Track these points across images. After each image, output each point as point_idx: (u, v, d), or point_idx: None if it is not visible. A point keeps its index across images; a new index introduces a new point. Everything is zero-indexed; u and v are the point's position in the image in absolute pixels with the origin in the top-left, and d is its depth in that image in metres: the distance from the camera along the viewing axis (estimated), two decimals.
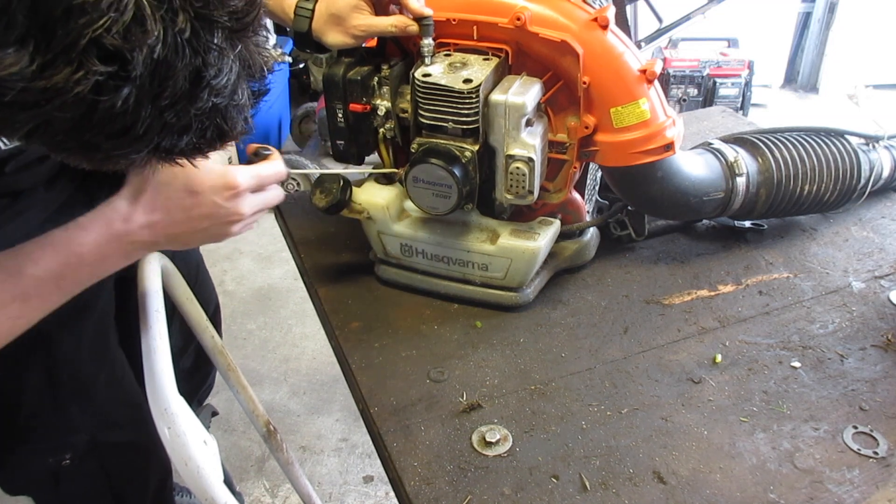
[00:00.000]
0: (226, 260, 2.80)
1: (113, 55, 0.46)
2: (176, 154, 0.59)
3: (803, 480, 0.79)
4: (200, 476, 0.68)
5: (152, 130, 0.53)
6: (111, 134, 0.52)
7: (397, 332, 1.03)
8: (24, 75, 0.45)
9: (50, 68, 0.45)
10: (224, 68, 0.53)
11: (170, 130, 0.54)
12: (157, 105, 0.51)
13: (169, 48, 0.49)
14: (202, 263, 1.39)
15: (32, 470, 1.12)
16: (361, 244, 1.13)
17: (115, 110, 0.49)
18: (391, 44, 1.02)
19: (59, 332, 1.02)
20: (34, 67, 0.45)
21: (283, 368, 2.28)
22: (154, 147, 0.55)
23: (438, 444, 0.84)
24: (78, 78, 0.46)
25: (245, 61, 0.56)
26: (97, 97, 0.48)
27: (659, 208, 1.11)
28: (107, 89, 0.48)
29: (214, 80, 0.53)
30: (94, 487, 1.17)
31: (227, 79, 0.54)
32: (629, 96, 0.94)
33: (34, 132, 0.51)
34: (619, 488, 0.79)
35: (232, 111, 0.57)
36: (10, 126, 0.50)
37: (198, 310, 1.06)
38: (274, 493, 1.88)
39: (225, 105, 0.56)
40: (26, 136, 0.51)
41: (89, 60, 0.46)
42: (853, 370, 0.94)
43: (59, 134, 0.51)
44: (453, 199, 0.95)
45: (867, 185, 1.20)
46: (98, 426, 1.12)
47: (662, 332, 1.02)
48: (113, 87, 0.48)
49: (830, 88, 4.19)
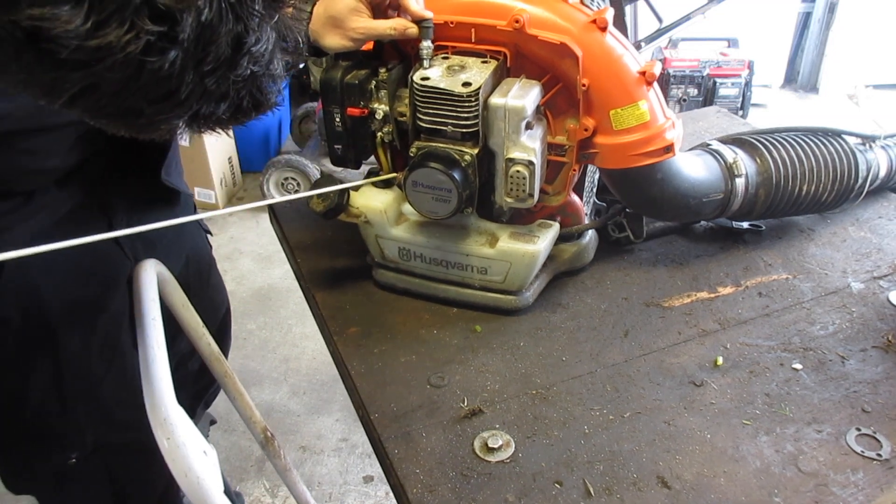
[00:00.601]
0: (226, 260, 2.80)
1: (163, 15, 0.47)
2: (213, 122, 0.60)
3: (808, 484, 0.79)
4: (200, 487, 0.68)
5: (193, 96, 0.54)
6: (154, 98, 0.52)
7: (396, 336, 1.02)
8: (79, 33, 0.46)
9: (104, 27, 0.46)
10: (263, 36, 0.55)
11: (209, 97, 0.55)
12: (200, 70, 0.52)
13: (215, 12, 0.50)
14: (214, 266, 1.39)
15: (36, 469, 1.12)
16: (359, 248, 1.12)
17: (161, 73, 0.50)
18: (389, 47, 1.02)
19: (67, 332, 1.01)
20: (88, 25, 0.45)
21: (283, 368, 2.28)
22: (193, 114, 0.56)
23: (440, 451, 0.84)
24: (130, 38, 0.47)
25: (280, 32, 0.58)
26: (146, 58, 0.48)
27: (658, 210, 1.11)
28: (155, 51, 0.48)
29: (254, 47, 0.54)
30: (98, 488, 1.17)
31: (265, 47, 0.55)
32: (628, 98, 0.94)
33: (80, 95, 0.51)
34: (624, 493, 0.78)
35: (267, 81, 0.59)
36: (59, 87, 0.50)
37: (194, 317, 1.05)
38: (274, 494, 1.88)
39: (262, 74, 0.57)
40: (71, 99, 0.51)
41: (141, 20, 0.47)
42: (854, 372, 0.94)
43: (104, 98, 0.52)
44: (453, 203, 0.94)
45: (864, 185, 1.20)
46: (104, 427, 1.11)
47: (663, 335, 1.01)
48: (161, 49, 0.49)
49: (830, 88, 4.19)
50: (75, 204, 0.98)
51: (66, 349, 1.02)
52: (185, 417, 0.73)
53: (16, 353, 0.99)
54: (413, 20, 0.93)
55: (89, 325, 1.04)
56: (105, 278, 1.04)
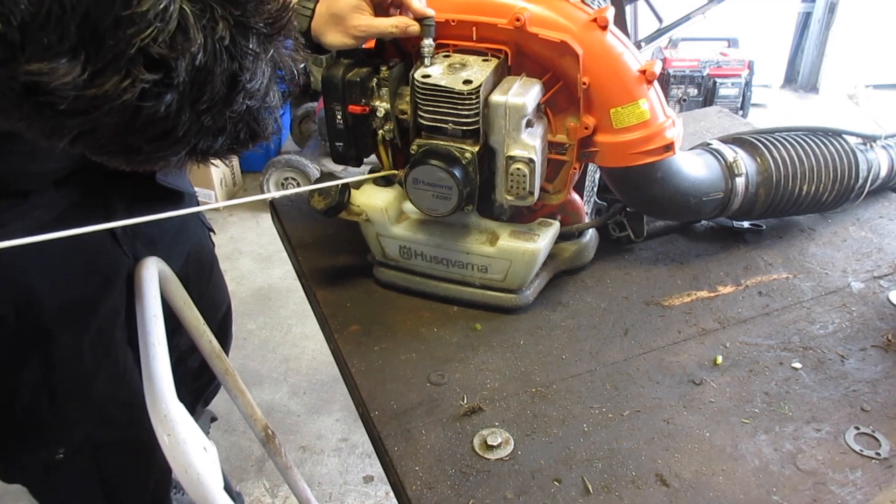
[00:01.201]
0: (226, 260, 2.80)
1: (158, 63, 0.49)
2: (211, 155, 0.61)
3: (806, 482, 0.79)
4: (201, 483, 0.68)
5: (190, 133, 0.55)
6: (152, 137, 0.54)
7: (396, 335, 1.02)
8: (77, 84, 0.47)
9: (100, 77, 0.47)
10: (258, 72, 0.56)
11: (206, 133, 0.56)
12: (196, 109, 0.53)
13: (209, 55, 0.51)
14: (216, 264, 1.39)
15: (25, 461, 1.12)
16: (360, 246, 1.12)
17: (158, 115, 0.51)
18: (390, 45, 1.02)
19: (60, 329, 1.01)
20: (85, 76, 0.47)
21: (283, 368, 2.28)
22: (191, 149, 0.57)
23: (440, 448, 0.84)
24: (125, 86, 0.48)
25: (276, 64, 0.59)
26: (142, 103, 0.50)
27: (659, 209, 1.11)
28: (151, 96, 0.50)
29: (249, 83, 0.55)
30: (88, 484, 1.17)
31: (261, 82, 0.57)
32: (629, 97, 0.94)
33: (80, 137, 0.53)
34: (622, 491, 0.78)
35: (264, 113, 0.60)
36: (59, 132, 0.52)
37: (195, 314, 1.06)
38: (274, 493, 1.88)
39: (258, 107, 0.58)
40: (72, 140, 0.53)
41: (136, 68, 0.48)
42: (854, 371, 0.94)
43: (103, 138, 0.53)
44: (454, 201, 0.94)
45: (865, 184, 1.20)
46: (95, 424, 1.12)
47: (663, 334, 1.01)
48: (157, 94, 0.50)
49: (830, 88, 4.19)
50: (73, 203, 0.98)
51: (60, 346, 1.03)
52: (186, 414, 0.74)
53: (9, 349, 1.00)
54: (415, 18, 0.93)
55: (83, 323, 1.04)
56: (102, 276, 1.04)
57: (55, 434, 1.10)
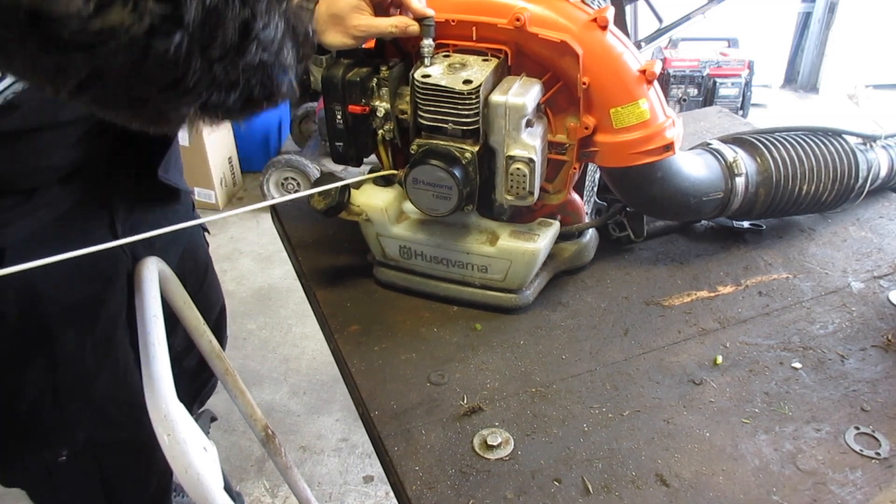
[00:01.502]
0: (226, 260, 2.80)
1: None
2: (223, 112, 0.59)
3: (806, 482, 0.79)
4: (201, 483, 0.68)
5: (201, 84, 0.53)
6: (162, 86, 0.52)
7: (396, 335, 1.02)
8: (81, 15, 0.46)
9: (106, 8, 0.46)
10: (271, 23, 0.54)
11: (218, 85, 0.55)
12: (207, 56, 0.52)
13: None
14: (211, 265, 1.39)
15: (27, 463, 1.12)
16: (360, 246, 1.12)
17: (167, 58, 0.50)
18: (390, 45, 1.02)
19: (63, 329, 1.02)
20: (91, 8, 0.46)
21: (283, 368, 2.28)
22: (203, 104, 0.56)
23: (440, 448, 0.84)
24: (133, 19, 0.47)
25: (289, 22, 0.57)
26: (150, 41, 0.48)
27: (658, 209, 1.11)
28: (160, 34, 0.48)
29: (262, 32, 0.54)
30: (89, 486, 1.17)
31: (274, 34, 0.55)
32: (629, 97, 0.94)
33: (86, 83, 0.51)
34: (622, 491, 0.78)
35: (278, 70, 0.58)
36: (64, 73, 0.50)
37: (196, 314, 1.06)
38: (274, 494, 1.88)
39: (272, 63, 0.57)
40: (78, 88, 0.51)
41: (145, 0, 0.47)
42: (854, 371, 0.94)
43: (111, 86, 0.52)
44: (454, 201, 0.94)
45: (865, 184, 1.20)
46: (97, 424, 1.12)
47: (663, 334, 1.01)
48: (165, 32, 0.48)
49: (830, 88, 4.19)
50: (76, 201, 0.98)
51: (63, 346, 1.03)
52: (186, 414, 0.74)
53: (12, 349, 1.00)
54: (415, 18, 0.93)
55: (86, 323, 1.04)
56: (104, 275, 1.04)
57: (58, 434, 1.10)
